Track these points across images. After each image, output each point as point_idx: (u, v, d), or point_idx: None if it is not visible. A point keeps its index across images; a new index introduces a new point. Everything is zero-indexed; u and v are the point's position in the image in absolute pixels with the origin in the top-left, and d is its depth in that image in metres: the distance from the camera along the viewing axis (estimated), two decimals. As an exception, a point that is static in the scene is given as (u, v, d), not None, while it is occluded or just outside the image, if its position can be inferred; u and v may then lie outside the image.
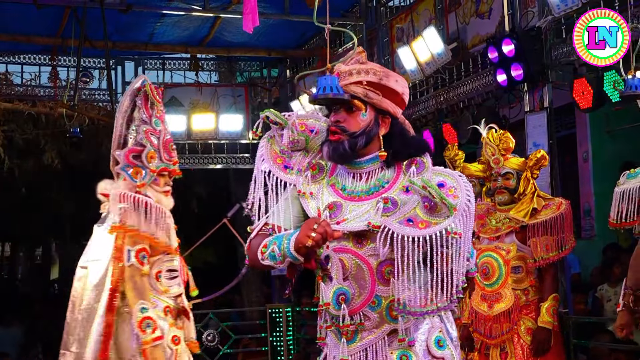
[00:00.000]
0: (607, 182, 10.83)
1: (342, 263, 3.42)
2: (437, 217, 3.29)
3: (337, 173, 3.55)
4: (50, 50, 12.33)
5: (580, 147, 11.27)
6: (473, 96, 9.53)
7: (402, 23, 10.86)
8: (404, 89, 3.53)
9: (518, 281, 6.17)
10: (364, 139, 3.44)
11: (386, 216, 3.34)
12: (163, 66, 13.25)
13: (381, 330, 3.43)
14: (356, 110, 3.46)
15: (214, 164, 13.28)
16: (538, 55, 8.10)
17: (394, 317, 3.40)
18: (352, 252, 3.42)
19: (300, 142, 3.61)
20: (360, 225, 3.37)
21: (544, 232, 6.12)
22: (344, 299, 3.40)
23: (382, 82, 3.46)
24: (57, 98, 12.38)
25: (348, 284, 3.42)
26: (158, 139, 4.80)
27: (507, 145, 6.31)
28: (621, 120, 10.50)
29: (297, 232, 3.24)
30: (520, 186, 6.21)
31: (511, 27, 8.49)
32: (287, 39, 12.67)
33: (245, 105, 13.41)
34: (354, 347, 3.44)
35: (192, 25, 11.76)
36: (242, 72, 14.08)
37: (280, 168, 3.58)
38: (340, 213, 3.43)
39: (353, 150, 3.44)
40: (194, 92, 13.26)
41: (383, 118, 3.49)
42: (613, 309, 9.19)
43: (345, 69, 3.50)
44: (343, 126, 3.45)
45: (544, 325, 6.04)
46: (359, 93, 3.44)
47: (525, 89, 8.40)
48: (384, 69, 3.54)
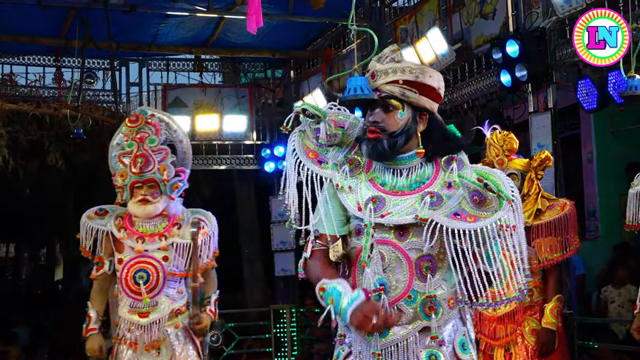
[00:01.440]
0: (612, 182, 10.91)
1: (381, 255, 3.41)
2: (486, 211, 3.32)
3: (374, 168, 3.54)
4: (55, 51, 12.34)
5: (585, 148, 11.27)
6: (477, 97, 9.53)
7: (406, 24, 10.86)
8: (440, 82, 3.52)
9: None
10: (404, 137, 3.44)
11: (433, 210, 3.35)
12: (167, 67, 13.24)
13: (414, 327, 3.40)
14: (393, 110, 3.45)
15: (217, 165, 13.27)
16: (542, 56, 8.09)
17: (427, 314, 3.39)
18: (393, 244, 3.41)
19: (338, 136, 3.60)
20: (407, 218, 3.37)
21: (548, 233, 6.10)
22: (383, 289, 3.38)
23: (418, 80, 3.45)
24: (61, 99, 12.39)
25: (386, 276, 3.40)
26: (129, 158, 5.65)
27: (511, 146, 6.29)
28: (625, 120, 10.51)
29: (356, 302, 3.18)
30: (524, 187, 6.19)
31: (515, 28, 8.48)
32: (291, 39, 12.67)
33: (249, 106, 13.40)
34: (386, 341, 3.41)
35: (196, 26, 11.76)
36: (246, 73, 14.07)
37: (314, 162, 3.56)
38: (384, 207, 3.42)
39: (392, 149, 3.44)
40: (198, 92, 13.26)
41: (421, 115, 3.48)
42: (617, 311, 9.20)
43: (381, 68, 3.49)
44: (382, 126, 3.44)
45: (548, 326, 6.03)
46: (396, 92, 3.44)
47: (529, 89, 8.40)
48: (420, 66, 3.52)
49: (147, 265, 5.67)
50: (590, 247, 10.61)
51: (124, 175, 5.63)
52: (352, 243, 3.51)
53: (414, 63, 3.55)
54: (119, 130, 5.89)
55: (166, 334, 5.66)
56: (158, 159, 5.66)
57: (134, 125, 5.74)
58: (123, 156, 5.67)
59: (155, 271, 5.65)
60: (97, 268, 5.83)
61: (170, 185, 5.70)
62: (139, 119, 5.77)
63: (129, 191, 5.64)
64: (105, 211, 5.86)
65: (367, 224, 3.40)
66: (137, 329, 5.67)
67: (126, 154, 5.66)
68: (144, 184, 5.61)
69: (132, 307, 5.68)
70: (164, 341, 5.66)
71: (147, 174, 5.60)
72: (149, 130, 5.74)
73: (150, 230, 5.74)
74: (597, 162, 11.11)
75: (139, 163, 5.60)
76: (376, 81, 3.47)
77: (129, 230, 5.71)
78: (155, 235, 5.71)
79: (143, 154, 5.62)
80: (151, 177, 5.61)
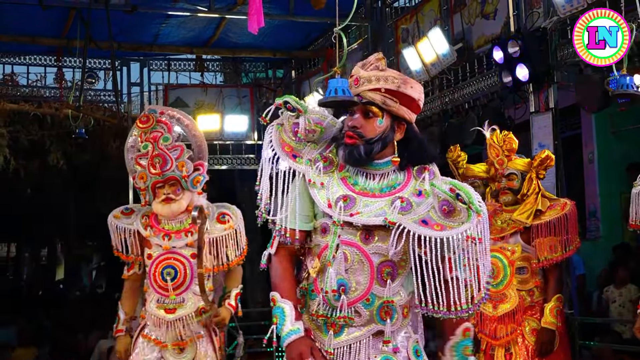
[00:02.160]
0: (613, 183, 10.91)
1: (345, 255, 3.44)
2: (453, 221, 3.36)
3: (347, 168, 3.56)
4: (56, 51, 12.35)
5: (586, 148, 11.27)
6: (478, 97, 9.53)
7: (407, 24, 10.86)
8: (420, 94, 3.56)
9: (523, 282, 6.14)
10: (380, 145, 3.48)
11: (402, 214, 3.38)
12: (168, 67, 13.24)
13: (368, 329, 3.46)
14: (373, 117, 3.49)
15: (219, 165, 13.28)
16: (543, 56, 8.10)
17: (382, 319, 3.45)
18: (357, 246, 3.44)
19: (316, 132, 3.63)
20: (375, 220, 3.40)
21: (548, 233, 6.09)
22: (344, 290, 3.42)
23: (399, 90, 3.48)
24: (62, 99, 12.40)
25: (347, 277, 3.43)
26: (146, 159, 5.62)
27: (511, 146, 6.29)
28: (626, 120, 10.51)
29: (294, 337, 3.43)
30: (524, 187, 6.19)
31: (516, 28, 8.48)
32: (292, 39, 12.67)
33: (251, 106, 13.41)
34: (339, 340, 3.46)
35: (197, 26, 11.77)
36: (247, 72, 14.07)
37: (289, 155, 3.59)
38: (355, 206, 3.45)
39: (368, 155, 3.48)
40: (199, 92, 13.26)
41: (399, 124, 3.52)
42: (618, 311, 9.21)
43: (364, 74, 3.51)
44: (360, 132, 3.48)
45: (548, 326, 6.02)
46: (377, 100, 3.47)
47: (530, 89, 8.41)
48: (402, 76, 3.55)
49: (175, 262, 5.67)
50: (591, 247, 10.61)
51: (144, 177, 5.63)
52: (316, 240, 3.54)
53: (397, 73, 3.58)
54: (131, 132, 5.89)
55: (193, 333, 5.65)
56: (175, 156, 5.69)
57: (146, 125, 5.73)
58: (140, 158, 5.66)
59: (183, 268, 5.65)
60: (128, 268, 5.85)
61: (192, 180, 5.74)
62: (149, 119, 5.76)
63: (152, 192, 5.65)
64: (132, 210, 5.87)
65: (336, 221, 3.44)
66: (163, 324, 5.65)
67: (143, 156, 5.65)
68: (165, 183, 5.62)
69: (159, 302, 5.67)
70: (191, 342, 5.66)
71: (167, 173, 5.61)
72: (161, 129, 5.76)
73: (177, 227, 5.73)
74: (598, 162, 11.11)
75: (158, 163, 5.61)
76: (359, 87, 3.50)
77: (155, 228, 5.71)
78: (182, 231, 5.71)
79: (159, 154, 5.64)
80: (171, 176, 5.62)
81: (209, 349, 5.74)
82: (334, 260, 3.44)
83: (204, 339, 5.72)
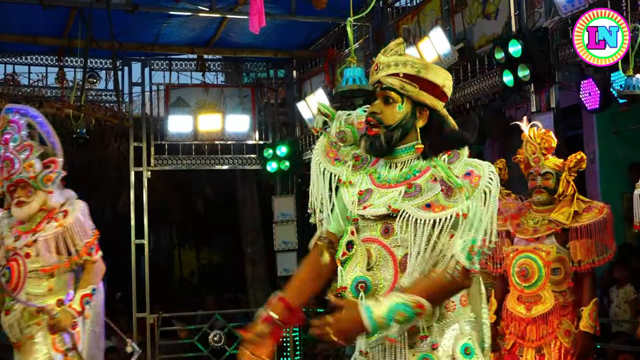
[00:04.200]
0: (614, 182, 10.90)
1: (369, 253, 3.40)
2: (454, 202, 3.28)
3: (378, 163, 3.55)
4: (57, 51, 12.34)
5: (587, 148, 11.26)
6: (479, 97, 9.53)
7: (408, 23, 10.85)
8: (445, 81, 3.49)
9: (557, 283, 6.04)
10: (400, 131, 3.44)
11: (407, 200, 3.34)
12: (169, 67, 13.23)
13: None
14: (393, 103, 3.44)
15: (220, 165, 13.28)
16: (545, 56, 8.09)
17: None
18: (379, 242, 3.39)
19: (347, 133, 3.64)
20: (382, 209, 3.37)
21: (587, 236, 6.02)
22: (364, 287, 3.36)
23: (419, 75, 3.43)
24: (63, 99, 12.40)
25: (372, 274, 3.38)
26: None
27: (549, 144, 6.22)
28: (628, 121, 10.50)
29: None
30: (560, 187, 6.12)
31: (518, 28, 8.48)
32: (293, 39, 12.67)
33: (252, 105, 13.39)
34: (374, 340, 3.38)
35: (199, 26, 11.76)
36: (248, 72, 14.06)
37: (330, 160, 3.62)
38: (369, 199, 3.43)
39: (389, 144, 3.44)
40: (201, 92, 13.26)
41: (421, 110, 3.46)
42: (614, 311, 9.22)
43: (384, 60, 3.48)
44: (379, 117, 3.44)
45: (587, 329, 5.92)
46: (395, 85, 3.43)
47: (531, 89, 8.40)
48: (424, 61, 3.51)
49: (12, 263, 5.66)
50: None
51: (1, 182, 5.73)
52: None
53: (418, 58, 3.53)
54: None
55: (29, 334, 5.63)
56: (23, 157, 5.66)
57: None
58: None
59: (17, 268, 5.64)
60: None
61: (41, 179, 5.70)
62: (2, 120, 5.77)
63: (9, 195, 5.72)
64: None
65: (349, 216, 3.44)
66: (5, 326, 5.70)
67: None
68: (16, 186, 5.65)
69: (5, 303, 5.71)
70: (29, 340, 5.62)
71: (15, 177, 5.64)
72: (11, 129, 5.73)
73: (26, 228, 5.75)
74: (600, 162, 11.10)
75: (6, 167, 5.65)
76: (378, 73, 3.47)
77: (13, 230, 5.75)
78: (30, 232, 5.72)
79: (8, 157, 5.66)
80: (19, 179, 5.65)
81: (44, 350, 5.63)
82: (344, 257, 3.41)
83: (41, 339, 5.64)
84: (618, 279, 9.31)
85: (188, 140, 12.94)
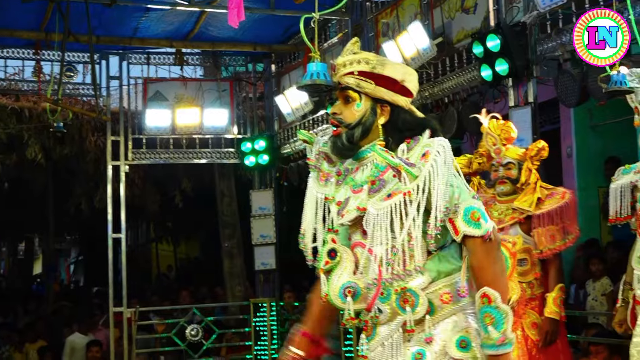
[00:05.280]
0: (591, 176, 10.96)
1: (356, 257, 3.43)
2: (404, 182, 3.29)
3: (357, 172, 3.54)
4: (34, 45, 12.26)
5: (564, 142, 11.32)
6: (458, 91, 9.55)
7: (387, 18, 10.86)
8: (405, 75, 3.48)
9: (523, 274, 6.07)
10: (361, 129, 3.44)
11: (371, 197, 3.36)
12: (147, 60, 13.16)
13: (395, 323, 3.37)
14: (352, 102, 3.46)
15: (198, 159, 13.26)
16: (523, 50, 8.12)
17: (404, 308, 3.33)
18: (361, 244, 3.42)
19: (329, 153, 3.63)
20: (353, 213, 3.39)
21: (549, 222, 6.05)
22: (351, 292, 3.36)
23: (374, 71, 3.43)
24: (40, 92, 12.34)
25: (359, 278, 3.40)
26: None
27: (509, 135, 6.27)
28: (605, 115, 10.55)
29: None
30: (522, 176, 6.16)
31: (496, 22, 8.50)
32: (272, 33, 12.65)
33: (230, 99, 13.37)
34: (373, 343, 3.42)
35: (177, 19, 11.72)
36: (227, 66, 14.03)
37: (320, 182, 3.62)
38: (346, 206, 3.45)
39: (351, 142, 3.45)
40: (179, 86, 13.20)
41: (382, 107, 3.47)
42: (590, 304, 9.29)
43: (340, 61, 3.49)
44: (340, 118, 3.46)
45: (552, 315, 5.96)
46: (351, 83, 3.44)
47: (509, 84, 8.43)
48: (380, 58, 3.51)
49: None
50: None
51: None
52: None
53: (373, 55, 3.53)
54: None
55: None
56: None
57: None
58: None
59: None
60: None
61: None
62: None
63: None
64: None
65: (330, 227, 3.47)
66: None
67: None
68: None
69: None
70: None
71: None
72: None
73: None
74: (577, 156, 11.16)
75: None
76: (336, 74, 3.48)
77: None
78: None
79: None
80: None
81: None
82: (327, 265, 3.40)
83: None
84: (594, 272, 9.37)
85: (166, 134, 12.90)
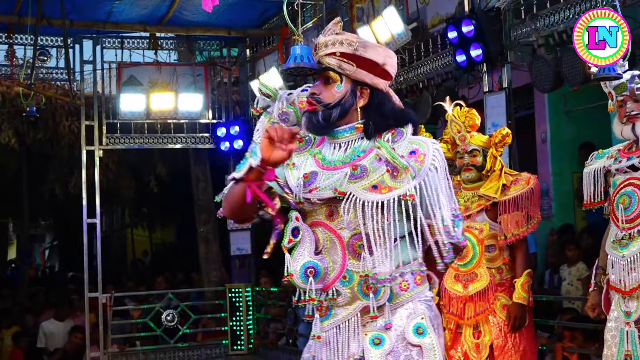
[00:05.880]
0: (565, 162, 11.03)
1: (316, 236, 3.41)
2: (400, 182, 3.30)
3: (322, 145, 3.54)
4: (7, 29, 12.16)
5: (539, 128, 11.38)
6: (432, 76, 9.57)
7: (362, 3, 10.84)
8: (386, 59, 3.47)
9: (491, 260, 6.12)
10: (339, 110, 3.42)
11: (353, 183, 3.34)
12: (121, 45, 13.08)
13: (354, 307, 3.37)
14: (332, 82, 3.44)
15: (173, 144, 13.22)
16: (497, 35, 8.15)
17: (366, 294, 3.35)
18: (325, 225, 3.41)
19: (291, 114, 3.61)
20: (328, 192, 3.37)
21: (514, 208, 6.09)
22: (313, 272, 3.35)
23: (357, 53, 3.42)
24: (13, 77, 12.24)
25: (320, 258, 3.38)
26: None
27: (473, 122, 6.29)
28: (579, 101, 10.61)
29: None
30: (487, 163, 6.18)
31: (471, 8, 8.51)
32: (247, 18, 12.60)
33: (205, 84, 13.33)
34: (327, 323, 3.41)
35: (151, 3, 11.65)
36: (201, 51, 13.97)
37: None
38: (315, 182, 3.42)
39: (327, 121, 3.43)
40: (153, 71, 13.15)
41: (362, 89, 3.46)
42: (566, 289, 9.36)
43: (322, 40, 3.46)
44: (318, 97, 3.44)
45: (520, 301, 6.01)
46: (333, 64, 3.42)
47: (484, 69, 8.46)
48: (362, 40, 3.49)
49: None
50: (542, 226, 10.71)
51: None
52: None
53: (355, 36, 3.51)
54: None
55: None
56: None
57: None
58: None
59: None
60: None
61: None
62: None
63: None
64: None
65: (295, 200, 3.42)
66: None
67: None
68: None
69: None
70: None
71: None
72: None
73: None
74: (551, 141, 11.22)
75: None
76: (317, 53, 3.46)
77: None
78: None
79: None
80: None
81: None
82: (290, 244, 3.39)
83: None
84: (570, 258, 9.44)
85: (140, 119, 12.84)
